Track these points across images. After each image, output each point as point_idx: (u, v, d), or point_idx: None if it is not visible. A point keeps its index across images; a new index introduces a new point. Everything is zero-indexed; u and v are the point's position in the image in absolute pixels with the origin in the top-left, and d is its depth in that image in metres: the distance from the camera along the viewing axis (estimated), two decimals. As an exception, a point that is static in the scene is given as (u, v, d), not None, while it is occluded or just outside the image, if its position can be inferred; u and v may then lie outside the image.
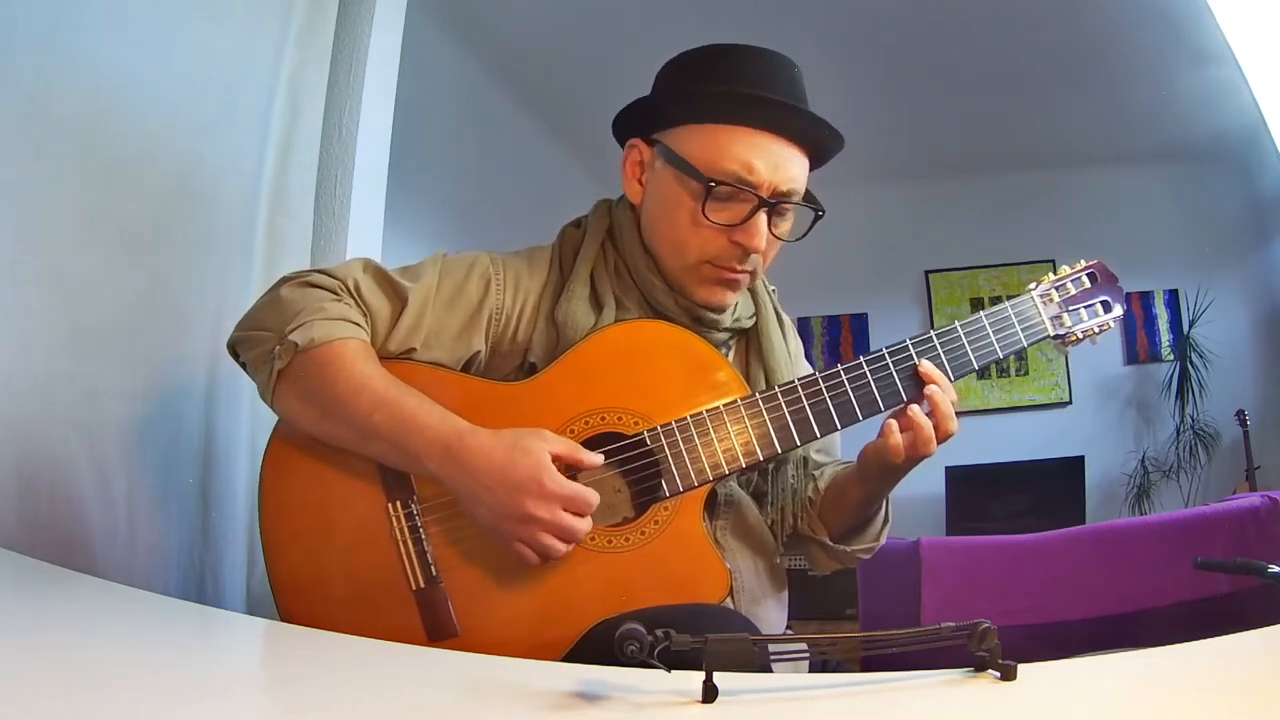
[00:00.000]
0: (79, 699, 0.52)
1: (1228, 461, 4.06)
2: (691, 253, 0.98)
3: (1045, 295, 1.01)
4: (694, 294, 1.00)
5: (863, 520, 1.05)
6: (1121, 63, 3.34)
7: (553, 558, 0.86)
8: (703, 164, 0.95)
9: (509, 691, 0.60)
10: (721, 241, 0.96)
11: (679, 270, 0.99)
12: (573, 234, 1.07)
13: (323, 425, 0.91)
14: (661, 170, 0.99)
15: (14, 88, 1.08)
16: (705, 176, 0.94)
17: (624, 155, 1.04)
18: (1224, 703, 0.53)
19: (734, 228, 0.95)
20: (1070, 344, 1.01)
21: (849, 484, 1.02)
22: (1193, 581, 1.92)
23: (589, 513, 0.86)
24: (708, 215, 0.95)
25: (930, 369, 0.94)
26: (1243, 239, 4.28)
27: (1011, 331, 0.98)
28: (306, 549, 0.93)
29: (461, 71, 3.27)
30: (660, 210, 1.00)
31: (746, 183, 0.94)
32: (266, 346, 0.91)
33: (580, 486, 0.86)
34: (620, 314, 0.99)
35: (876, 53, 3.43)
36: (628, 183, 1.03)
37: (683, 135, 0.98)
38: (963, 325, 0.97)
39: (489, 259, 1.02)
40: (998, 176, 4.46)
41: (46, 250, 1.12)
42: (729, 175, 0.94)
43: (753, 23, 2.71)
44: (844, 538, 1.05)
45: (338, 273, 0.96)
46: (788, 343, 1.10)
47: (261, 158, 1.50)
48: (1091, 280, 1.02)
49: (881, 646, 0.56)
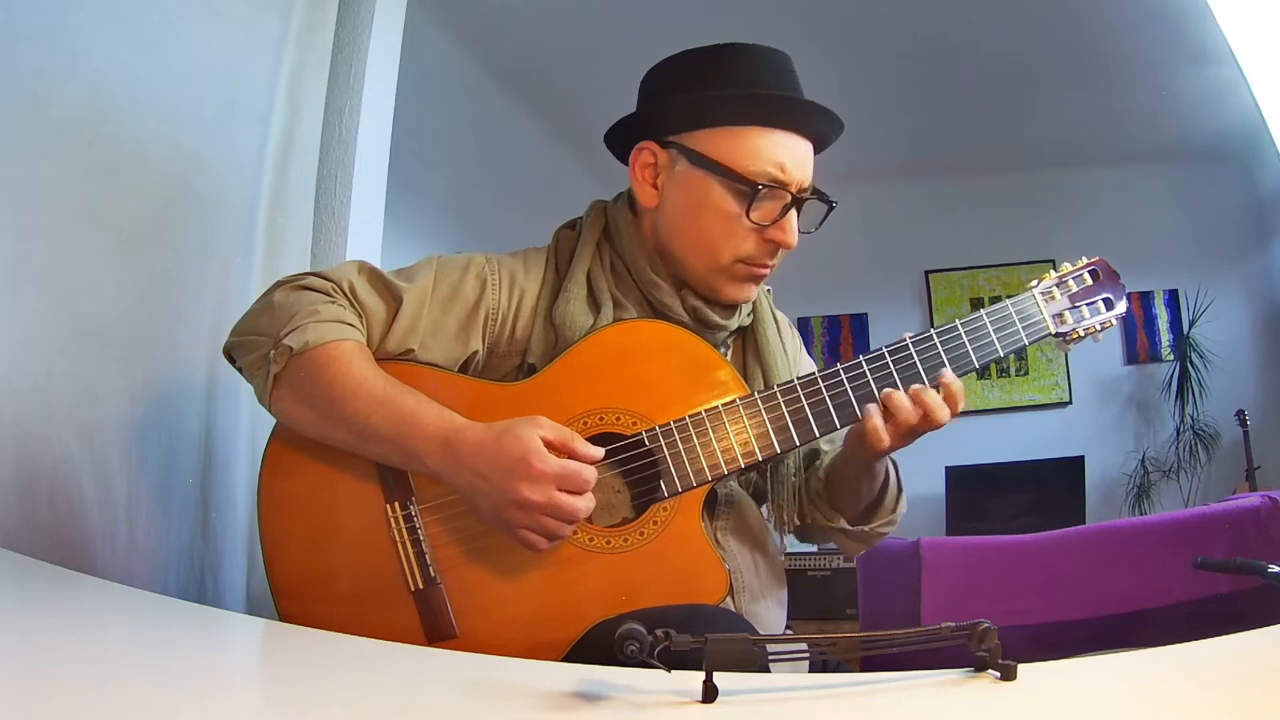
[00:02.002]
0: (79, 699, 0.52)
1: (1228, 461, 4.06)
2: (726, 253, 0.98)
3: (1047, 293, 1.00)
4: (722, 292, 1.00)
5: (874, 497, 1.05)
6: (1121, 63, 3.34)
7: (558, 539, 0.86)
8: (740, 167, 0.96)
9: (509, 691, 0.60)
10: (755, 240, 0.98)
11: (709, 271, 1.00)
12: (568, 235, 1.07)
13: (321, 427, 0.91)
14: (686, 173, 0.99)
15: (14, 88, 1.08)
16: (750, 180, 0.95)
17: (632, 158, 1.02)
18: (1224, 703, 0.52)
19: (767, 227, 0.97)
20: (1072, 341, 1.01)
21: (844, 467, 1.02)
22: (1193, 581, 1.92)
23: (586, 489, 0.85)
24: (751, 217, 0.96)
25: (950, 380, 0.92)
26: (1243, 239, 4.28)
27: (1013, 329, 0.98)
28: (306, 552, 0.93)
29: (461, 71, 3.27)
30: (686, 212, 0.99)
31: (780, 182, 0.96)
32: (262, 351, 0.91)
33: (571, 462, 0.84)
34: (618, 313, 0.99)
35: (877, 52, 3.43)
36: (640, 186, 1.02)
37: (708, 138, 0.98)
38: (963, 323, 0.96)
39: (484, 259, 1.02)
40: (998, 176, 4.46)
41: (46, 250, 1.12)
42: (766, 177, 0.96)
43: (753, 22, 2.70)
44: (862, 518, 1.05)
45: (332, 275, 0.96)
46: (784, 341, 1.10)
47: (261, 158, 1.50)
48: (1093, 277, 1.01)
49: (881, 646, 0.56)
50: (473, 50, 3.25)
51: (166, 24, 1.32)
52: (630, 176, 1.03)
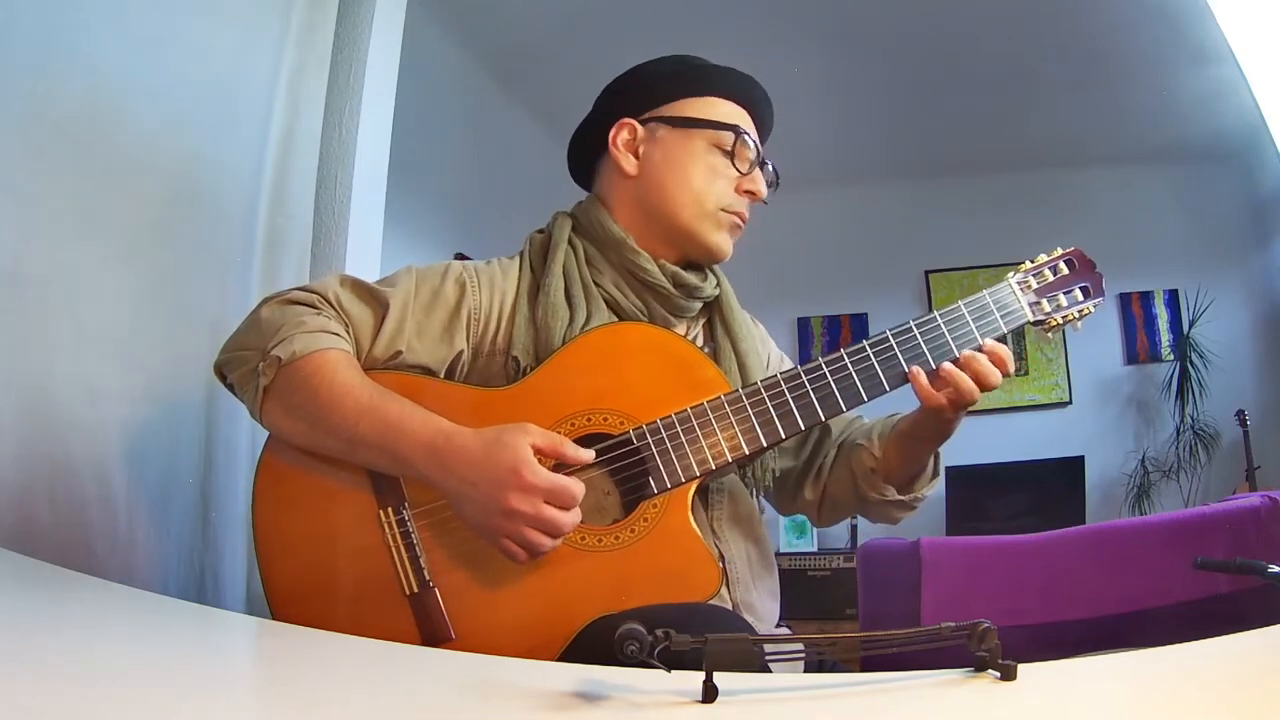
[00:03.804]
0: (79, 699, 0.52)
1: (1228, 461, 4.05)
2: (710, 199, 1.06)
3: (1023, 282, 1.03)
4: (708, 239, 1.07)
5: (921, 465, 1.09)
6: (1121, 63, 3.34)
7: (539, 553, 0.86)
8: (719, 119, 1.06)
9: (508, 691, 0.60)
10: (732, 190, 1.07)
11: (695, 218, 1.06)
12: (539, 238, 1.11)
13: (311, 437, 0.92)
14: (667, 135, 1.07)
15: (14, 88, 1.08)
16: (730, 126, 1.05)
17: (612, 136, 1.08)
18: (1224, 703, 0.52)
19: (744, 175, 1.06)
20: (1050, 329, 1.03)
21: (910, 441, 1.05)
22: (1193, 581, 1.92)
23: (573, 505, 0.86)
24: (735, 163, 1.05)
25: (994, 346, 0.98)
26: (1243, 239, 4.27)
27: (990, 318, 1.00)
28: (301, 561, 0.93)
29: (461, 71, 3.27)
30: (670, 168, 1.06)
31: (750, 136, 1.07)
32: (251, 365, 0.92)
33: (562, 477, 0.85)
34: (594, 304, 1.02)
35: (876, 53, 3.43)
36: (622, 158, 1.08)
37: (684, 106, 1.08)
38: (942, 314, 0.99)
39: (460, 266, 1.05)
40: (998, 176, 4.46)
41: (47, 250, 1.12)
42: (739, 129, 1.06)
43: (753, 24, 2.71)
44: (907, 486, 1.09)
45: (317, 288, 0.98)
46: (747, 325, 1.14)
47: (261, 158, 1.50)
48: (1069, 267, 1.04)
49: (881, 646, 0.56)
50: (473, 50, 3.25)
51: (166, 24, 1.32)
52: (610, 152, 1.08)
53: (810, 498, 1.13)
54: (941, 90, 3.70)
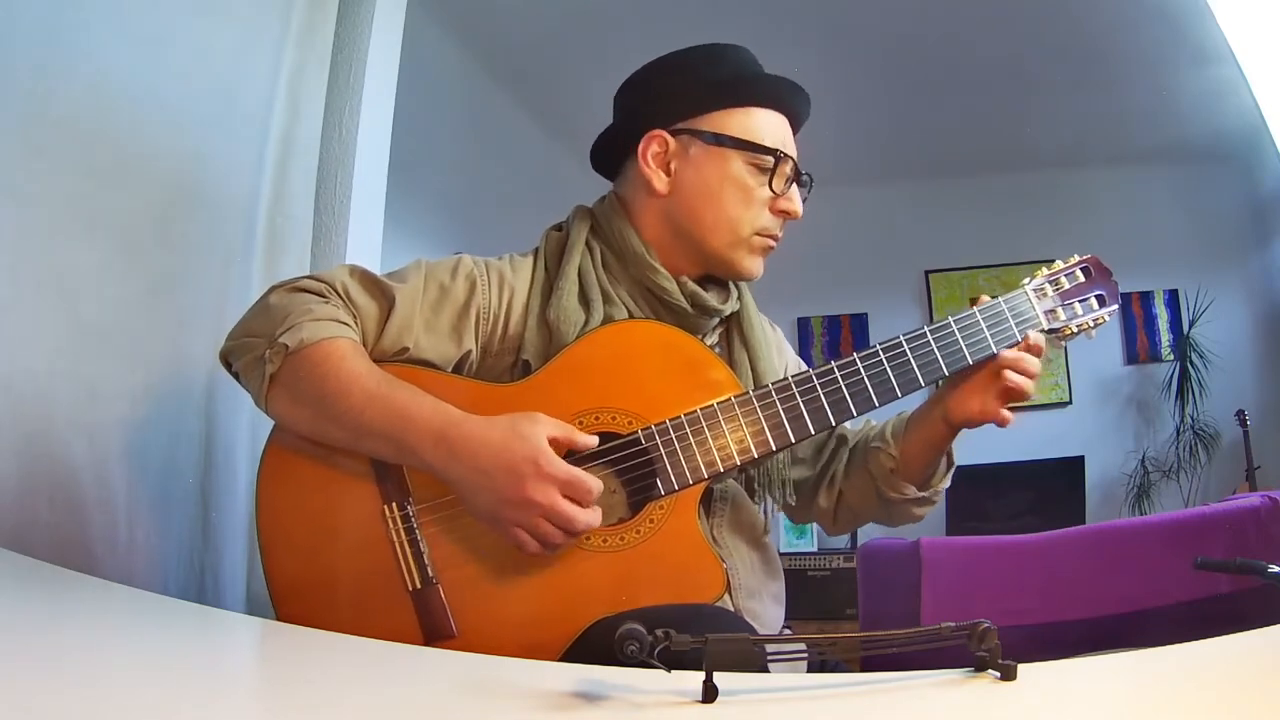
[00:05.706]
0: (79, 699, 0.52)
1: (1228, 461, 4.05)
2: (745, 225, 1.02)
3: (1039, 289, 1.02)
4: (741, 265, 1.04)
5: (941, 453, 1.08)
6: (1121, 63, 3.34)
7: (551, 546, 0.86)
8: (758, 140, 1.01)
9: (509, 691, 0.60)
10: (767, 213, 1.03)
11: (729, 246, 1.03)
12: (555, 235, 1.08)
13: (317, 426, 0.91)
14: (703, 153, 1.02)
15: (14, 88, 1.08)
16: (771, 150, 1.01)
17: (642, 148, 1.03)
18: (1224, 703, 0.52)
19: (778, 197, 1.03)
20: (1065, 338, 1.02)
21: (927, 439, 1.04)
22: (1193, 581, 1.92)
23: (589, 500, 0.85)
24: (773, 185, 1.01)
25: (1036, 338, 0.99)
26: (1243, 239, 4.27)
27: (1005, 326, 0.99)
28: (303, 555, 0.93)
29: (461, 71, 3.27)
30: (704, 190, 1.02)
31: (788, 155, 1.03)
32: (257, 352, 0.91)
33: (580, 471, 0.85)
34: (609, 308, 1.00)
35: (876, 53, 3.43)
36: (652, 174, 1.03)
37: (720, 119, 1.02)
38: (956, 320, 0.98)
39: (471, 261, 1.03)
40: (998, 176, 4.45)
41: (47, 250, 1.12)
42: (778, 150, 1.02)
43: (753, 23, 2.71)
44: (926, 483, 1.08)
45: (325, 277, 0.97)
46: (765, 330, 1.12)
47: (261, 158, 1.50)
48: (1085, 274, 1.03)
49: (881, 646, 0.56)
50: (473, 50, 3.25)
51: (166, 24, 1.32)
52: (639, 167, 1.04)
53: (825, 505, 1.12)
54: (942, 90, 3.70)
